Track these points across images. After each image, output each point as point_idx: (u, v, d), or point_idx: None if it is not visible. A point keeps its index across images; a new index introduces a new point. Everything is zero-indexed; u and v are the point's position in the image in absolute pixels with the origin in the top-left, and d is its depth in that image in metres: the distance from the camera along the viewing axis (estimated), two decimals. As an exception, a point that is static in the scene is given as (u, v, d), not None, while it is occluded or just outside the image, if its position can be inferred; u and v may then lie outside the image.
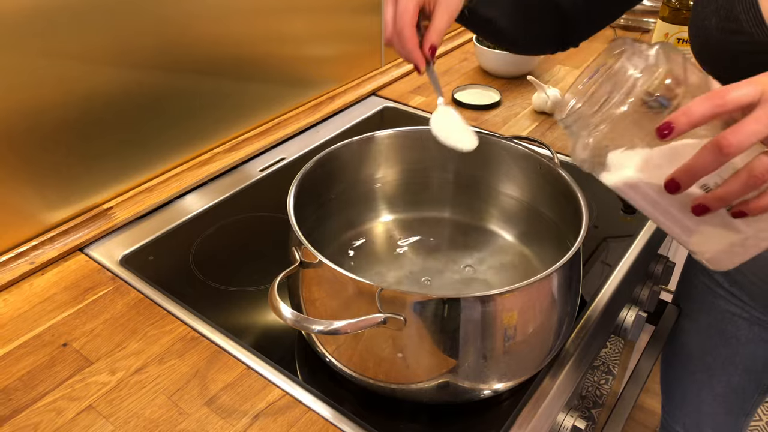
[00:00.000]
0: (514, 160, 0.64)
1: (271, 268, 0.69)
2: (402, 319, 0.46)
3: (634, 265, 0.72)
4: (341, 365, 0.53)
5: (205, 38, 0.79)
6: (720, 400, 0.85)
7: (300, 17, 0.90)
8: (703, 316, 0.81)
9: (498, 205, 0.68)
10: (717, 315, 0.79)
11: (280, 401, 0.55)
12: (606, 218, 0.77)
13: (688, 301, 0.84)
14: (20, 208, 0.68)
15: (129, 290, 0.66)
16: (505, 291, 0.47)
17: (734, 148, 0.40)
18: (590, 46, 1.24)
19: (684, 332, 0.85)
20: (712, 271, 0.78)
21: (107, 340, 0.61)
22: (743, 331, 0.77)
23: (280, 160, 0.88)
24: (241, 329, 0.62)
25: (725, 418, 0.86)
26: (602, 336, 0.68)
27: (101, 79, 0.70)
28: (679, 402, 0.93)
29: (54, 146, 0.68)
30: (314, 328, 0.46)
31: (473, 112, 1.00)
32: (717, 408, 0.86)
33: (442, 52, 1.20)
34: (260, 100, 0.91)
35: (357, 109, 1.02)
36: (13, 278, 0.66)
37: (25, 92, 0.64)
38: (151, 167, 0.80)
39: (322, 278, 0.51)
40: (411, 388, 0.51)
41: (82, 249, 0.72)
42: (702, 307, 0.81)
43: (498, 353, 0.50)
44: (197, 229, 0.76)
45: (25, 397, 0.55)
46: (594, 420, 0.91)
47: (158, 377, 0.57)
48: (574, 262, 0.51)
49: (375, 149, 0.67)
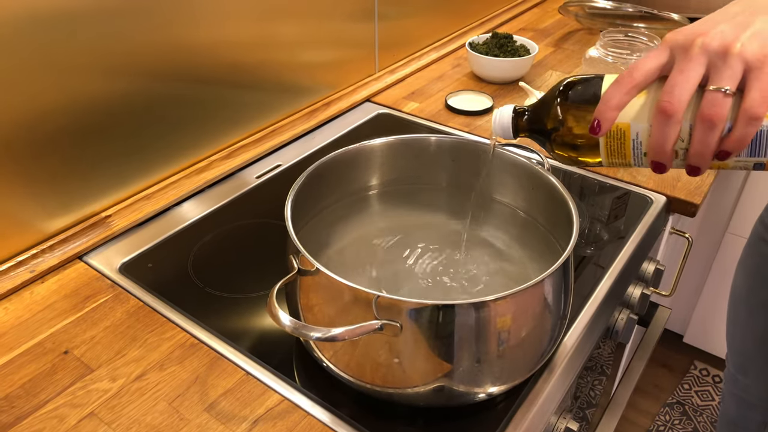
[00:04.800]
0: (505, 167, 0.66)
1: (268, 275, 0.70)
2: (398, 326, 0.48)
3: (626, 268, 0.73)
4: (339, 370, 0.54)
5: (202, 47, 0.80)
6: (760, 343, 0.89)
7: (295, 24, 0.91)
8: (750, 259, 0.88)
9: (491, 211, 0.69)
10: (761, 259, 0.85)
11: (279, 406, 0.56)
12: (597, 221, 0.79)
13: (746, 246, 0.92)
14: (19, 216, 0.68)
15: (128, 298, 0.67)
16: (498, 297, 0.48)
17: (676, 105, 0.41)
18: (581, 50, 1.26)
19: (736, 275, 0.91)
20: (764, 217, 0.86)
21: (108, 347, 0.61)
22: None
23: (277, 167, 0.89)
24: (239, 335, 0.63)
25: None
26: (594, 339, 0.69)
27: (99, 88, 0.71)
28: (730, 344, 1.02)
29: (52, 155, 0.69)
30: (312, 335, 0.47)
31: (466, 117, 1.02)
32: (759, 350, 0.90)
33: (435, 58, 1.21)
34: (256, 107, 0.92)
35: (352, 115, 1.03)
36: (13, 286, 0.67)
37: (23, 101, 0.64)
38: (149, 175, 0.81)
39: (320, 285, 0.52)
40: (407, 392, 0.52)
41: (82, 257, 0.72)
42: (751, 251, 0.89)
43: (492, 357, 0.51)
44: (195, 236, 0.77)
45: (28, 405, 0.56)
46: (588, 420, 0.92)
47: (159, 384, 0.58)
48: (565, 267, 0.53)
49: (369, 157, 0.68)
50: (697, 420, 1.50)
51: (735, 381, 1.04)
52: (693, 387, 1.57)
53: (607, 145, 0.48)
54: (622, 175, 0.86)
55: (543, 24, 1.40)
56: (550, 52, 1.26)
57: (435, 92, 1.10)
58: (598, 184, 0.85)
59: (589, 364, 0.80)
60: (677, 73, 0.42)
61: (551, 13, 1.46)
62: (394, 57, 1.15)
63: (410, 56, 1.19)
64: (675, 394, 1.56)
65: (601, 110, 0.45)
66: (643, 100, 0.45)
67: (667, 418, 1.51)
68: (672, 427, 1.49)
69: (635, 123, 0.46)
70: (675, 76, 0.42)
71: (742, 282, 0.94)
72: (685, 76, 0.42)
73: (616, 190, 0.84)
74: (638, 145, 0.47)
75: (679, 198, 0.82)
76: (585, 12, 1.35)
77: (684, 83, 0.41)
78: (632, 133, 0.46)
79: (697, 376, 1.60)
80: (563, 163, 0.53)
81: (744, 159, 0.44)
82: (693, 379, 1.59)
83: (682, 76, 0.42)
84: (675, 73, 0.42)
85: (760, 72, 0.40)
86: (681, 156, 0.45)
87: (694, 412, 1.52)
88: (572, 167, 0.87)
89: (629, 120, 0.46)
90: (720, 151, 0.43)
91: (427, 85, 1.12)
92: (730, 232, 1.38)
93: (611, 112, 0.45)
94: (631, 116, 0.46)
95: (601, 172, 0.86)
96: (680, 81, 0.42)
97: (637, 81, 0.44)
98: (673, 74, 0.42)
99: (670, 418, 1.51)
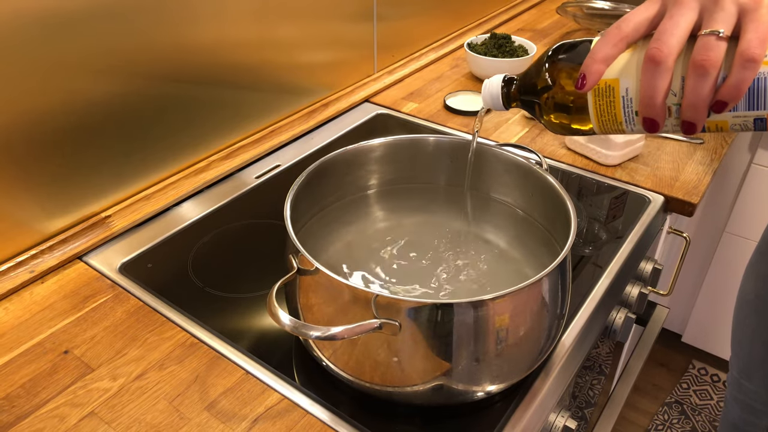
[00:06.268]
0: (504, 167, 0.66)
1: (267, 274, 0.71)
2: (397, 325, 0.48)
3: (624, 267, 0.73)
4: (338, 369, 0.54)
5: (201, 47, 0.80)
6: (767, 348, 0.88)
7: (294, 25, 0.92)
8: (761, 265, 0.87)
9: (489, 211, 0.69)
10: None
11: (278, 405, 0.56)
12: (595, 221, 0.79)
13: (757, 252, 0.90)
14: (19, 217, 0.69)
15: (128, 297, 0.67)
16: (496, 296, 0.48)
17: (665, 51, 0.39)
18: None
19: (746, 279, 0.91)
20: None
21: (108, 347, 0.62)
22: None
23: (276, 167, 0.90)
24: (239, 335, 0.63)
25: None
26: (592, 338, 0.69)
27: (99, 89, 0.71)
28: (735, 348, 0.99)
29: (52, 156, 0.69)
30: (312, 334, 0.47)
31: (464, 118, 1.02)
32: (767, 356, 0.90)
33: (434, 58, 1.22)
34: (255, 108, 0.92)
35: (350, 115, 1.03)
36: (13, 287, 0.67)
37: (23, 102, 0.65)
38: (148, 176, 0.81)
39: (319, 285, 0.52)
40: (406, 390, 0.53)
41: (81, 257, 0.73)
42: (762, 258, 0.88)
43: (490, 356, 0.51)
44: (195, 236, 0.77)
45: (28, 404, 0.56)
46: (586, 419, 0.93)
47: (159, 383, 0.58)
48: (563, 266, 0.53)
49: (368, 157, 0.68)
50: (696, 419, 1.50)
51: (739, 386, 1.03)
52: (691, 386, 1.58)
53: (597, 105, 0.45)
54: (620, 175, 0.86)
55: (541, 24, 1.40)
56: (548, 52, 1.26)
57: (433, 92, 1.10)
58: (596, 184, 0.85)
59: (588, 363, 0.80)
60: (667, 19, 0.40)
61: (549, 14, 1.46)
62: (392, 57, 1.16)
63: (409, 57, 1.19)
64: (673, 394, 1.56)
65: (587, 63, 0.42)
66: (633, 54, 0.43)
67: (665, 417, 1.51)
68: (670, 426, 1.49)
69: (624, 78, 0.43)
70: (664, 23, 0.40)
71: (752, 287, 0.93)
72: (674, 21, 0.39)
73: (614, 189, 0.84)
74: (629, 102, 0.44)
75: (676, 197, 0.82)
76: (583, 12, 1.35)
77: (673, 28, 0.39)
78: (621, 89, 0.44)
79: (695, 376, 1.60)
80: (556, 133, 0.52)
81: (743, 113, 0.41)
82: (691, 378, 1.60)
83: (671, 21, 0.39)
84: (665, 20, 0.40)
85: (755, 13, 0.38)
86: (674, 113, 0.43)
87: (693, 412, 1.52)
88: (573, 164, 0.87)
89: (618, 75, 0.44)
90: (716, 102, 0.40)
91: (426, 85, 1.13)
92: (728, 231, 1.38)
93: (597, 65, 0.42)
94: (620, 71, 0.43)
95: (599, 171, 0.87)
96: (669, 27, 0.39)
97: (625, 33, 0.41)
98: (663, 21, 0.40)
99: (669, 417, 1.51)
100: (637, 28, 0.42)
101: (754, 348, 0.95)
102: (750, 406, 1.03)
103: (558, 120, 0.50)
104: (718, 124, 0.43)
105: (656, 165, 0.88)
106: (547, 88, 0.49)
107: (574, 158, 0.90)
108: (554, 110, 0.49)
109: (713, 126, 0.43)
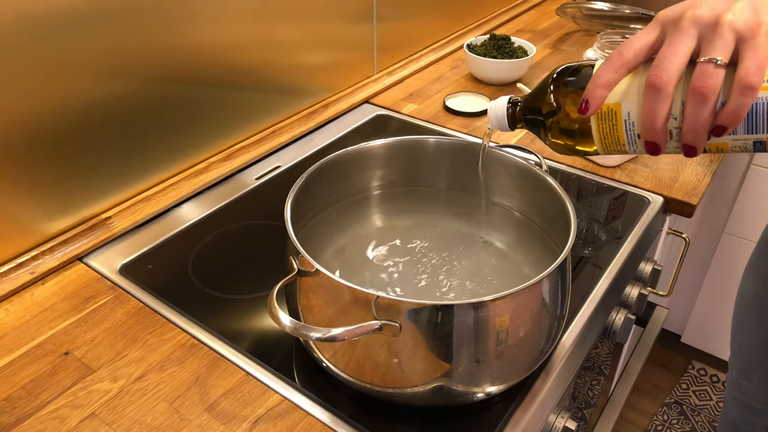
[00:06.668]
0: (503, 168, 0.66)
1: (267, 276, 0.71)
2: (397, 326, 0.48)
3: (623, 268, 0.73)
4: (338, 370, 0.55)
5: (201, 48, 0.80)
6: (766, 347, 0.89)
7: (294, 26, 0.92)
8: (760, 264, 0.88)
9: (489, 212, 0.69)
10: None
11: (279, 406, 0.56)
12: (595, 222, 0.79)
13: (756, 251, 0.91)
14: (20, 218, 0.69)
15: (129, 299, 0.67)
16: (496, 297, 0.48)
17: (664, 78, 0.40)
18: (579, 51, 1.26)
19: (746, 279, 0.92)
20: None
21: (108, 348, 0.62)
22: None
23: (276, 168, 0.90)
24: (239, 336, 0.63)
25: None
26: (592, 338, 0.70)
27: (99, 90, 0.71)
28: (734, 347, 1.00)
29: (52, 157, 0.69)
30: (312, 336, 0.47)
31: (464, 119, 1.02)
32: (766, 356, 0.90)
33: (434, 59, 1.22)
34: (255, 109, 0.92)
35: (350, 116, 1.04)
36: (14, 288, 0.67)
37: (23, 103, 0.65)
38: (149, 177, 0.81)
39: (320, 286, 0.52)
40: (406, 392, 0.53)
41: (82, 258, 0.73)
42: (762, 258, 0.88)
43: (490, 357, 0.51)
44: (195, 237, 0.77)
45: (29, 406, 0.56)
46: (586, 420, 0.93)
47: (159, 384, 0.58)
48: (563, 268, 0.53)
49: (368, 158, 0.68)
50: (695, 419, 1.50)
51: (738, 385, 1.04)
52: (691, 386, 1.58)
53: (600, 128, 0.47)
54: (619, 176, 0.86)
55: (541, 25, 1.40)
56: (547, 53, 1.26)
57: (433, 94, 1.10)
58: (595, 185, 0.86)
59: (587, 363, 0.80)
60: (666, 46, 0.41)
61: (549, 15, 1.46)
62: (392, 59, 1.16)
63: (408, 58, 1.19)
64: (673, 394, 1.56)
65: (590, 89, 0.44)
66: (634, 79, 0.44)
67: (665, 417, 1.51)
68: (670, 427, 1.49)
69: (626, 102, 0.45)
70: (664, 50, 0.41)
71: (752, 287, 0.94)
72: (673, 48, 0.40)
73: (613, 190, 0.85)
74: (631, 126, 0.46)
75: (676, 198, 0.83)
76: (582, 14, 1.36)
77: (672, 56, 0.40)
78: (623, 113, 0.45)
79: (695, 376, 1.60)
80: (561, 153, 0.53)
81: (742, 137, 0.43)
82: (691, 378, 1.60)
83: (670, 48, 0.40)
84: (664, 47, 0.41)
85: (753, 41, 0.39)
86: (675, 136, 0.44)
87: (692, 412, 1.52)
88: (573, 165, 0.87)
89: (620, 99, 0.45)
90: (715, 126, 0.41)
91: (426, 86, 1.13)
92: (727, 232, 1.38)
93: (600, 91, 0.43)
94: (622, 95, 0.45)
95: (599, 173, 0.87)
96: (668, 54, 0.40)
97: (626, 59, 0.42)
98: (663, 48, 0.41)
99: (668, 417, 1.51)
100: (638, 54, 0.43)
101: (754, 348, 0.95)
102: (749, 406, 1.03)
103: (563, 142, 0.51)
104: (718, 146, 0.44)
105: (655, 166, 0.89)
106: (551, 112, 0.51)
107: (574, 159, 0.90)
108: (559, 133, 0.51)
109: (714, 148, 0.45)
